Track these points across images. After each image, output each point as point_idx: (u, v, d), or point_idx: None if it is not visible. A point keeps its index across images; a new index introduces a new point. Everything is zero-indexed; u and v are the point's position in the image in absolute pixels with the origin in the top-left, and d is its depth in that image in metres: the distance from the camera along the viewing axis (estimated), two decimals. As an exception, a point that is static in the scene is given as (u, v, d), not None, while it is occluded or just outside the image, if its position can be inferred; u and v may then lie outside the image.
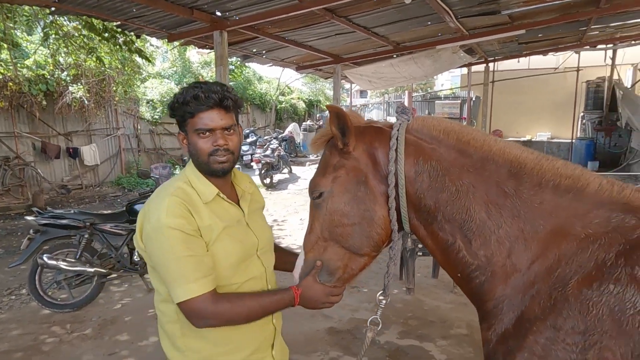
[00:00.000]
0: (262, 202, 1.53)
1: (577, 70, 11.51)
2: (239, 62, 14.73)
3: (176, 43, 6.05)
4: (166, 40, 5.79)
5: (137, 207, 4.42)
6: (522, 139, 16.49)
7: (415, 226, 1.30)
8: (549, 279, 1.08)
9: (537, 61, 14.24)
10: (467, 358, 3.23)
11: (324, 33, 6.34)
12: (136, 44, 6.34)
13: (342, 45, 7.16)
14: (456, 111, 18.42)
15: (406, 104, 16.42)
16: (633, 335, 0.92)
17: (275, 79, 19.36)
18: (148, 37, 7.29)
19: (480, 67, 11.86)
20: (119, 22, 5.19)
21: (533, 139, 16.14)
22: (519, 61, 12.41)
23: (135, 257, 4.30)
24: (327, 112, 1.23)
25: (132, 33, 5.56)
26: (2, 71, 9.59)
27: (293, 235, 6.86)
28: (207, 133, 1.24)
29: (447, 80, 31.04)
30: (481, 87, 12.02)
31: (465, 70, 13.88)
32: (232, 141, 1.28)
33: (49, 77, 9.87)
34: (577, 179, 1.13)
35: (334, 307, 4.07)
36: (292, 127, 15.80)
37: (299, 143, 16.07)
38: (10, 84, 9.32)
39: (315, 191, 1.32)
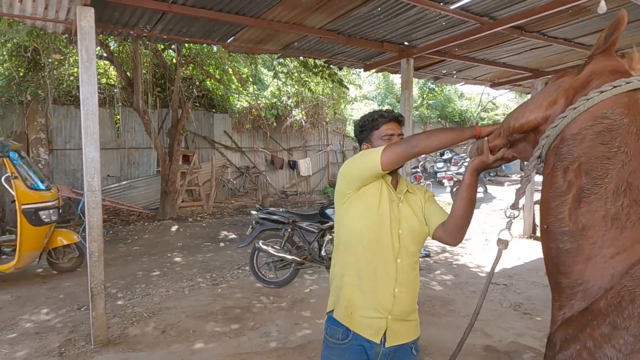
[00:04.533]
0: (418, 204, 1.85)
1: None
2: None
3: (372, 71, 6.86)
4: (362, 69, 6.69)
5: (327, 211, 5.31)
6: None
7: (548, 155, 1.26)
8: (625, 275, 1.03)
9: None
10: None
11: (517, 49, 6.14)
12: (339, 74, 7.54)
13: (540, 59, 6.73)
14: None
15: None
16: None
17: (478, 94, 18.74)
18: (348, 69, 8.48)
19: None
20: (325, 59, 6.34)
21: None
22: None
23: (322, 252, 5.18)
24: None
25: (335, 67, 6.68)
26: (249, 101, 12.52)
27: (473, 255, 6.77)
28: (390, 137, 1.77)
29: None
30: None
31: None
32: None
33: (279, 104, 12.34)
34: None
35: (496, 328, 4.05)
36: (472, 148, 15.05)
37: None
38: (254, 110, 12.07)
39: None
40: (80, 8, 3.41)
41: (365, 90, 18.41)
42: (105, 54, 8.91)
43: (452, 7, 4.39)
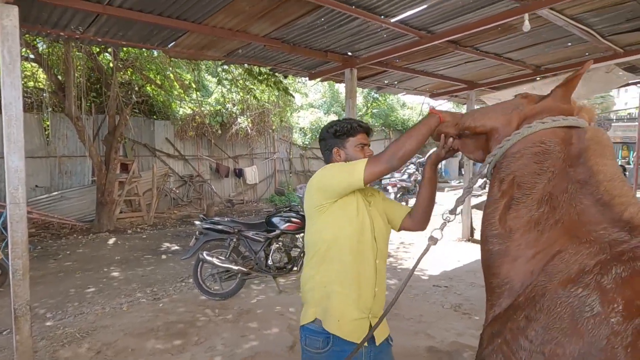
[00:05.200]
0: (380, 205, 1.94)
1: None
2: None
3: (317, 80, 6.94)
4: (307, 78, 6.75)
5: (274, 219, 5.26)
6: None
7: (493, 171, 1.45)
8: (541, 272, 1.15)
9: None
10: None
11: (453, 62, 6.48)
12: (284, 82, 7.56)
13: (474, 72, 7.15)
14: (633, 134, 15.78)
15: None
16: (584, 335, 1.01)
17: (419, 104, 19.54)
18: (293, 77, 8.53)
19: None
20: (270, 67, 6.32)
21: None
22: None
23: (269, 261, 5.12)
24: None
25: (280, 75, 6.68)
26: (192, 108, 12.17)
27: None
28: (362, 147, 1.89)
29: (634, 98, 26.39)
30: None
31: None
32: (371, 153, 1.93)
33: (223, 111, 12.11)
34: (615, 197, 1.18)
35: (438, 329, 4.19)
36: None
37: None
38: (197, 117, 11.75)
39: None
40: (2, 5, 3.14)
41: (311, 98, 18.58)
42: (32, 56, 8.29)
43: (393, 20, 4.55)
